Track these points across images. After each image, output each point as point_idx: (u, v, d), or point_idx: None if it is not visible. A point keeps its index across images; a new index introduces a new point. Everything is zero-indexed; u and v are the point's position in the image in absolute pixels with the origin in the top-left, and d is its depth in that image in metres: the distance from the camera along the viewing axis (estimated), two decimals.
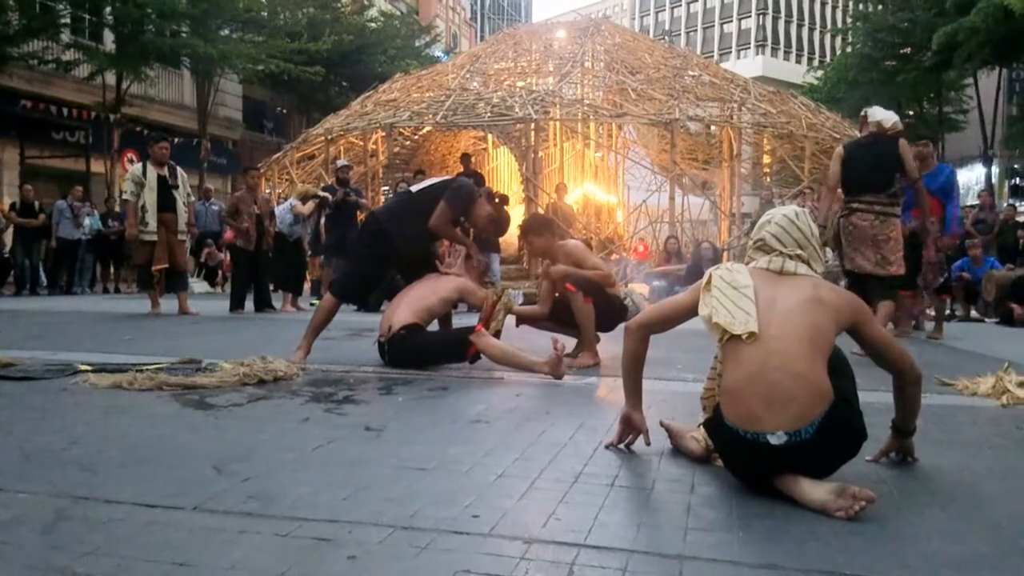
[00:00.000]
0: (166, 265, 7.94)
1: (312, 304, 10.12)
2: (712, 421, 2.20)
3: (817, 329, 2.06)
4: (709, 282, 2.22)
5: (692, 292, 2.30)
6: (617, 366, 2.64)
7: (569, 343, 4.45)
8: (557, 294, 4.61)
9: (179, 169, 8.28)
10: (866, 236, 5.28)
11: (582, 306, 4.40)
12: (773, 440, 1.96)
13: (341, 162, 11.61)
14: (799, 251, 2.21)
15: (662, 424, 2.55)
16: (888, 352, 2.22)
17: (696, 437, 2.36)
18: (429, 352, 4.26)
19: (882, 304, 5.18)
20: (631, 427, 2.45)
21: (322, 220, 10.07)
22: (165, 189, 7.89)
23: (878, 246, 5.26)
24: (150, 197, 7.80)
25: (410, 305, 4.33)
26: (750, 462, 2.06)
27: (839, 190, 5.44)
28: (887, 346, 2.23)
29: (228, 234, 10.75)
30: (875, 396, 2.35)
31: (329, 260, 10.78)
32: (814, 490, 1.90)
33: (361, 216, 11.61)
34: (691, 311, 2.28)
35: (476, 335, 4.06)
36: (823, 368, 2.03)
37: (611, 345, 5.42)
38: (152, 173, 7.85)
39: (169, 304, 8.10)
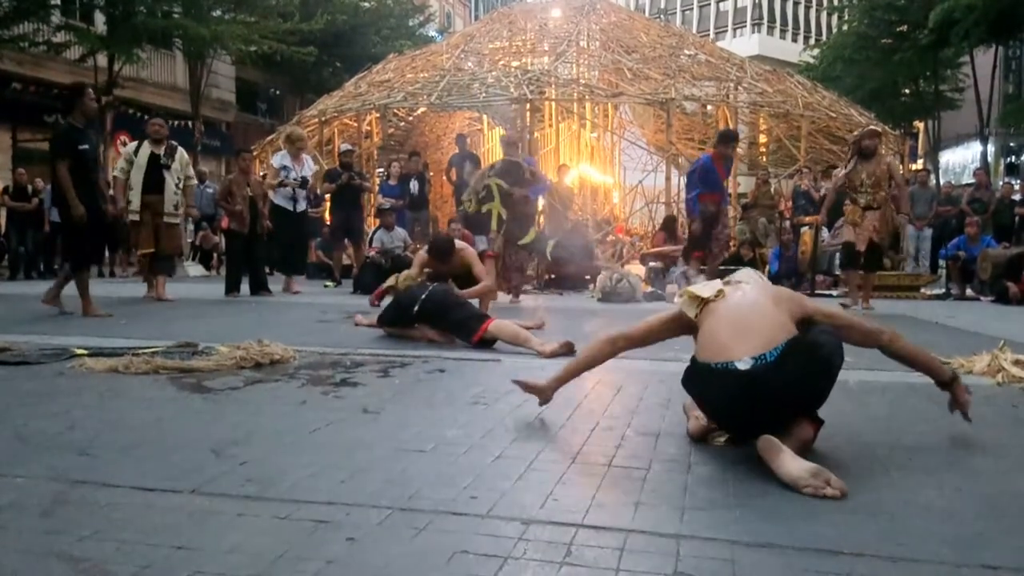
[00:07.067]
0: (151, 250, 7.67)
1: (327, 286, 10.07)
2: (687, 371, 2.34)
3: (778, 295, 2.36)
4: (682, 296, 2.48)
5: (666, 312, 2.54)
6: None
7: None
8: None
9: (180, 150, 7.94)
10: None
11: None
12: (741, 366, 2.10)
13: (345, 146, 11.55)
14: (760, 281, 2.51)
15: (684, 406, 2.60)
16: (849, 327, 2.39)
17: (698, 416, 2.39)
18: (454, 311, 4.52)
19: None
20: (537, 392, 2.64)
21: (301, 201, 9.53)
22: (155, 168, 7.59)
23: None
24: (136, 176, 7.55)
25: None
26: (725, 397, 2.15)
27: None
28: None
29: (224, 221, 10.58)
30: (872, 376, 2.36)
31: (337, 242, 10.74)
32: (791, 464, 1.92)
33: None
34: (667, 325, 2.48)
35: (492, 323, 4.38)
36: (788, 316, 2.25)
37: (609, 328, 5.42)
38: (144, 152, 7.59)
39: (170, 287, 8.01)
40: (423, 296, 4.60)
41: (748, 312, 2.24)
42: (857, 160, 7.52)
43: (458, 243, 5.52)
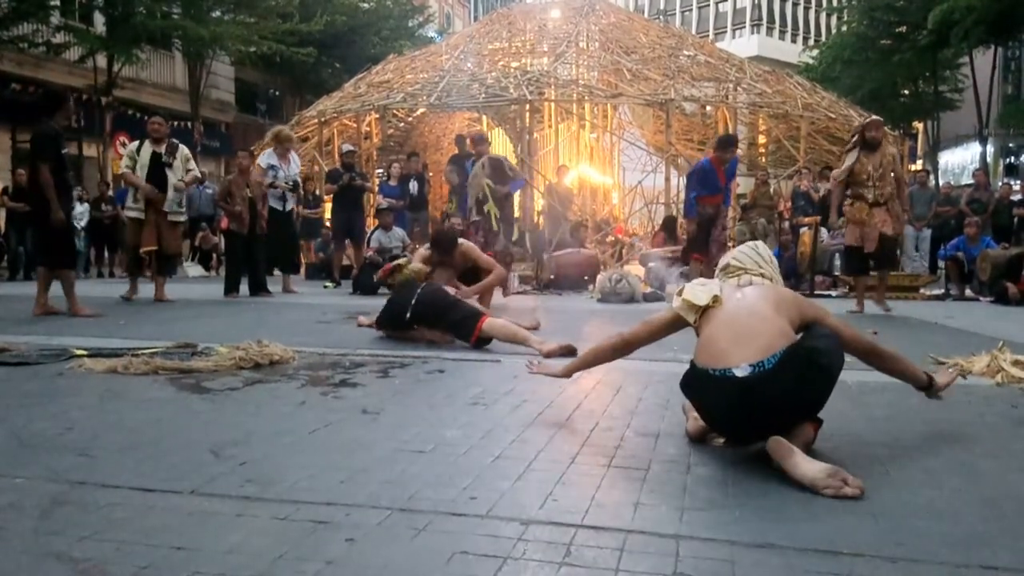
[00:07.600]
0: (155, 247, 7.65)
1: (326, 287, 10.08)
2: (685, 376, 2.34)
3: (779, 299, 2.31)
4: (680, 294, 2.46)
5: (664, 313, 2.52)
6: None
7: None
8: None
9: (182, 148, 7.92)
10: None
11: None
12: (739, 373, 2.09)
13: (347, 147, 11.55)
14: (761, 269, 2.44)
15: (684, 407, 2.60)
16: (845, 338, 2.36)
17: (696, 417, 2.39)
18: (450, 312, 4.48)
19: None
20: (553, 374, 2.77)
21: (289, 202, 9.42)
22: (157, 167, 7.59)
23: None
24: (140, 175, 7.57)
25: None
26: (722, 403, 2.15)
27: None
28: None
29: (223, 221, 10.55)
30: (871, 376, 2.37)
31: (338, 243, 10.73)
32: (807, 465, 1.92)
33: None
34: (666, 326, 2.49)
35: (486, 320, 4.35)
36: (787, 323, 2.23)
37: (609, 328, 5.41)
38: (147, 151, 7.61)
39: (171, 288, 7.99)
40: (412, 300, 4.55)
41: (747, 318, 2.23)
42: (861, 152, 7.00)
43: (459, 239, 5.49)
